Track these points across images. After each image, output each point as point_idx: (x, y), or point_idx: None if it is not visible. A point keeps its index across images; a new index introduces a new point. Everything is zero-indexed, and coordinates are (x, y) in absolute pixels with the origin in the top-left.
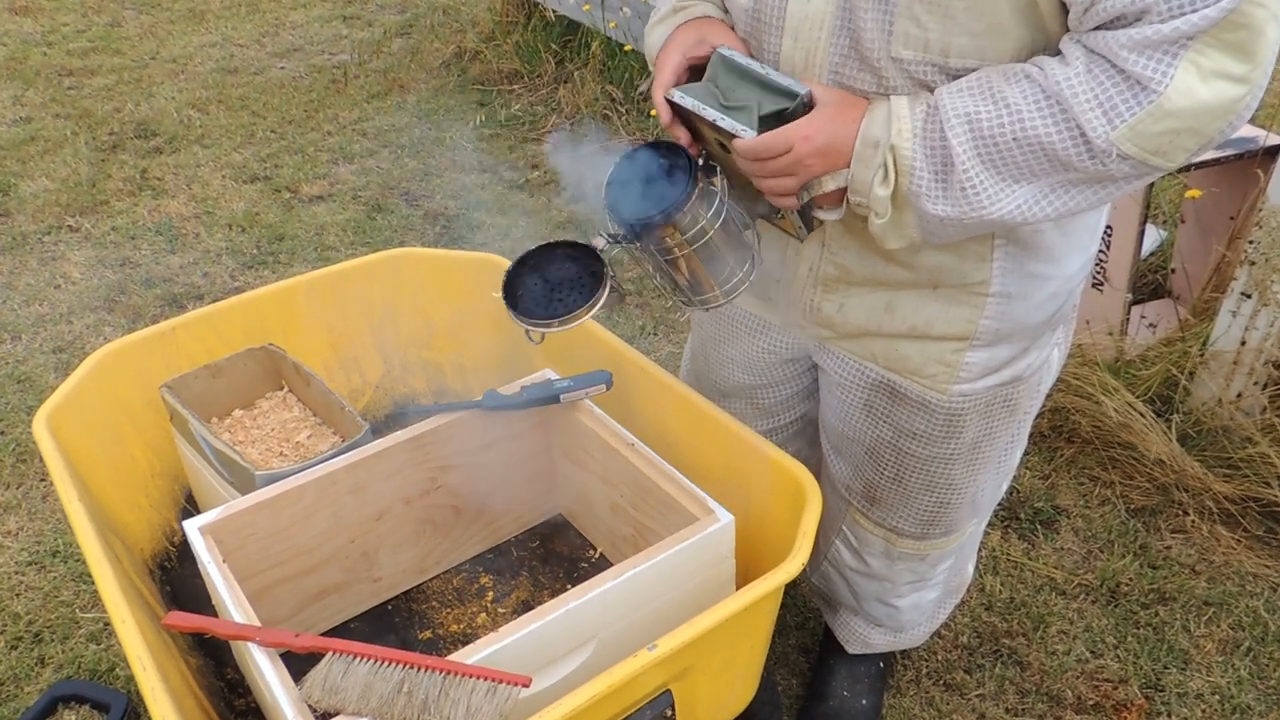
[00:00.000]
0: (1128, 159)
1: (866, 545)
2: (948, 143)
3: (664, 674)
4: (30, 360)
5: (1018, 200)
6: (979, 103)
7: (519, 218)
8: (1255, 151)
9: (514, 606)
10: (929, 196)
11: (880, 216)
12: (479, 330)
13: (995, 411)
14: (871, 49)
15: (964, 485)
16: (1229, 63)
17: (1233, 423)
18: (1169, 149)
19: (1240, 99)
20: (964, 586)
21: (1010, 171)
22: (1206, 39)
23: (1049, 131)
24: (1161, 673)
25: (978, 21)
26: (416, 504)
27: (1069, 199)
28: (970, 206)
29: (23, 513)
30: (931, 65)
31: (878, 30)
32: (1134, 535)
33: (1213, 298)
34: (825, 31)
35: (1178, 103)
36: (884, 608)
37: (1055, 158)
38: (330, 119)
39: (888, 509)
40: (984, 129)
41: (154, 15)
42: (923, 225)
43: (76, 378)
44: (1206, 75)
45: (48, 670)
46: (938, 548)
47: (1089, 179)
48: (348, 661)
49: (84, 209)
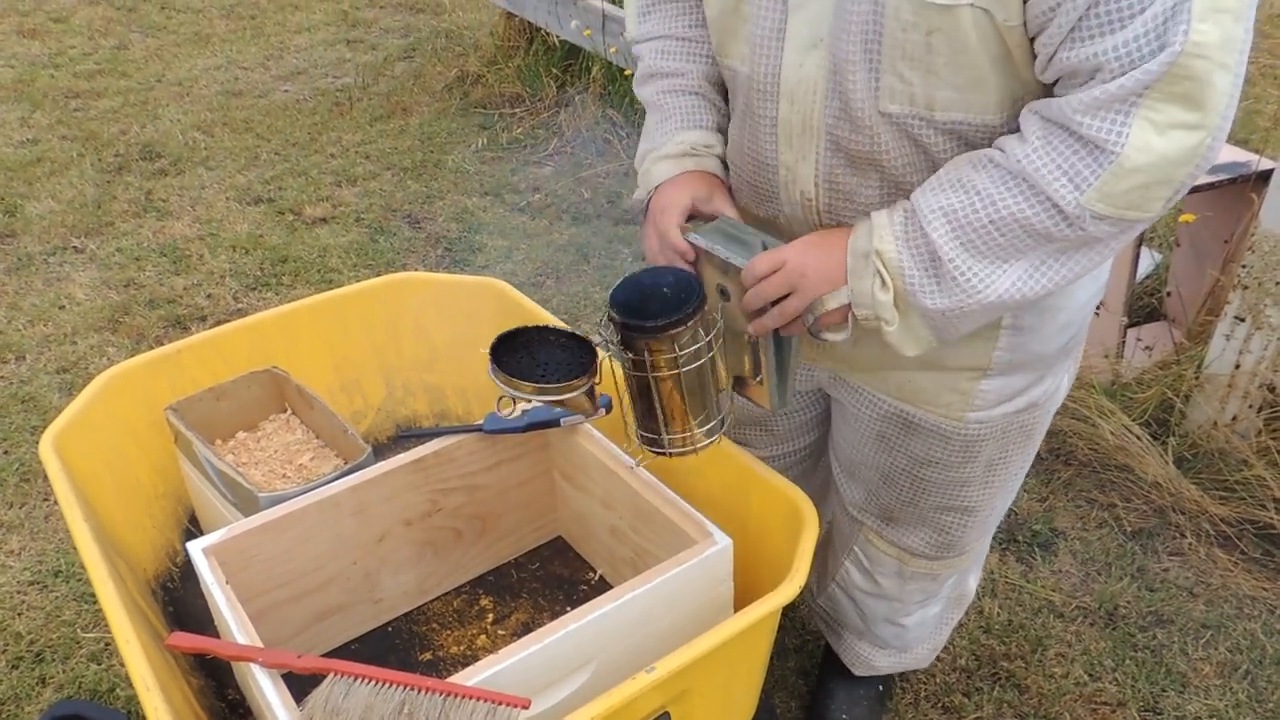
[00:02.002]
0: (1104, 219)
1: (879, 565)
2: (929, 238)
3: (662, 696)
4: (34, 380)
5: (1011, 279)
6: (950, 195)
7: (520, 240)
8: (1249, 176)
9: (514, 628)
10: (924, 292)
11: (890, 324)
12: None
13: (1012, 436)
14: (862, 107)
15: (980, 506)
16: (1181, 114)
17: (1228, 445)
18: (1142, 202)
19: (1199, 144)
20: (966, 600)
21: (995, 253)
22: (1155, 95)
23: (1021, 208)
24: (1159, 695)
25: (959, 75)
26: (418, 526)
27: (1062, 268)
28: (966, 294)
29: (25, 532)
30: (919, 119)
31: (865, 88)
32: (1131, 558)
33: (1207, 321)
34: (819, 95)
35: (1137, 159)
36: (891, 628)
37: (1034, 232)
38: (333, 142)
39: (903, 529)
40: (960, 218)
41: (160, 38)
42: (930, 324)
43: (83, 399)
44: (1162, 128)
45: (48, 690)
46: (950, 567)
47: (1074, 245)
48: (349, 683)
49: (89, 230)
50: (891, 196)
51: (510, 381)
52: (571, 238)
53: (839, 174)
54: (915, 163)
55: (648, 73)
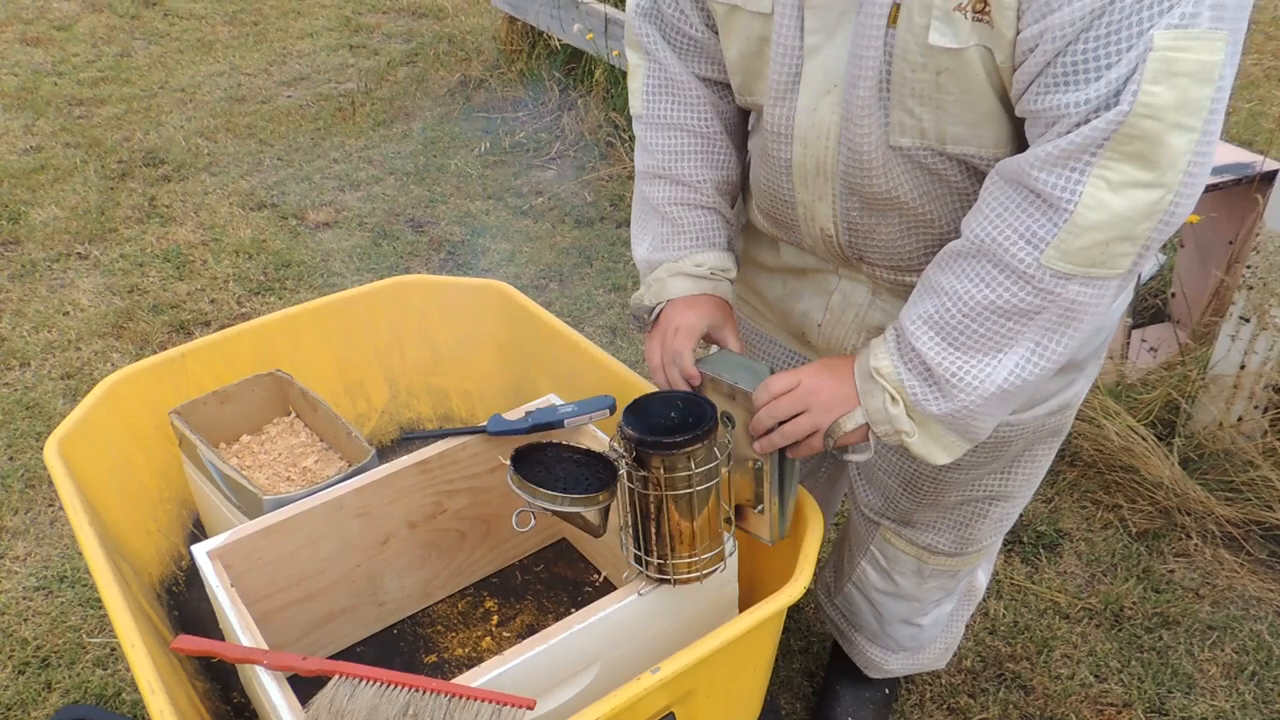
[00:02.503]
0: (1070, 278)
1: (897, 565)
2: (916, 350)
3: (667, 697)
4: (39, 387)
5: (1008, 368)
6: (926, 302)
7: (523, 244)
8: (1253, 176)
9: (519, 630)
10: (927, 400)
11: (910, 435)
12: (484, 356)
13: (1041, 436)
14: (874, 150)
15: (1001, 500)
16: (1136, 172)
17: (1234, 446)
18: (1106, 259)
19: (1158, 201)
20: (977, 595)
21: (981, 346)
22: (1109, 154)
23: (985, 293)
24: (1165, 697)
25: (969, 112)
26: (422, 528)
27: (1056, 345)
28: (966, 393)
29: (30, 538)
30: (929, 151)
31: (876, 125)
32: (1137, 559)
33: (1212, 322)
34: (831, 140)
35: (1091, 217)
36: (907, 629)
37: (1007, 311)
38: (337, 146)
39: (923, 529)
40: (939, 322)
41: (163, 45)
42: (950, 428)
43: (87, 404)
44: (1116, 186)
45: (54, 695)
46: (968, 563)
47: (1057, 317)
48: (354, 684)
49: (93, 237)
50: (912, 231)
51: (531, 489)
52: (574, 241)
53: (855, 214)
54: (931, 192)
55: (657, 170)
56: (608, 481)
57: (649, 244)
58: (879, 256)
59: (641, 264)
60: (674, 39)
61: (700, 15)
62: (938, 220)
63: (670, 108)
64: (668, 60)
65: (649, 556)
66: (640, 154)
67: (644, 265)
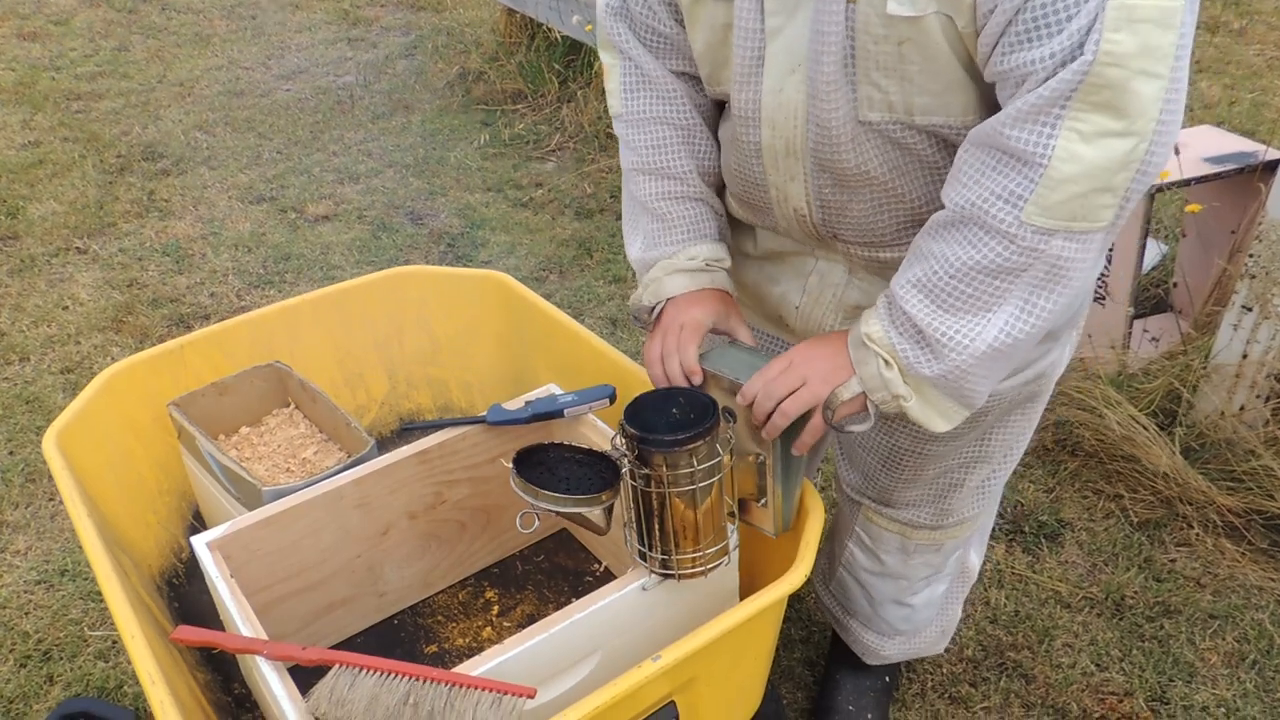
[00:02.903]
0: (1053, 234)
1: (881, 543)
2: (907, 313)
3: (668, 685)
4: (38, 381)
5: (997, 326)
6: (914, 267)
7: (523, 236)
8: (1255, 165)
9: (519, 620)
10: (919, 363)
11: (908, 400)
12: (483, 346)
13: (1017, 404)
14: (842, 125)
15: (976, 467)
16: (1107, 122)
17: (1236, 436)
18: (1086, 212)
19: (1132, 150)
20: (970, 576)
21: (969, 306)
22: (1078, 105)
23: (970, 253)
24: (1167, 685)
25: (934, 81)
26: (422, 518)
27: (1044, 302)
28: (957, 352)
29: (31, 532)
30: (899, 124)
31: (843, 101)
32: (1138, 548)
33: (1214, 311)
34: (799, 119)
35: (1066, 169)
36: (899, 609)
37: (992, 270)
38: (336, 140)
39: (902, 507)
40: (927, 284)
41: (160, 39)
42: (946, 392)
43: (85, 397)
44: (1089, 137)
45: (56, 688)
46: (952, 536)
47: (1046, 273)
48: (354, 674)
49: (92, 231)
50: (884, 207)
51: (534, 491)
52: (574, 233)
53: (827, 192)
54: (900, 167)
55: (642, 166)
56: (610, 481)
57: (641, 243)
58: (852, 234)
59: (636, 264)
60: (645, 36)
61: (668, 10)
62: (909, 195)
63: (649, 103)
64: (641, 57)
65: (653, 552)
66: (624, 152)
67: (639, 265)
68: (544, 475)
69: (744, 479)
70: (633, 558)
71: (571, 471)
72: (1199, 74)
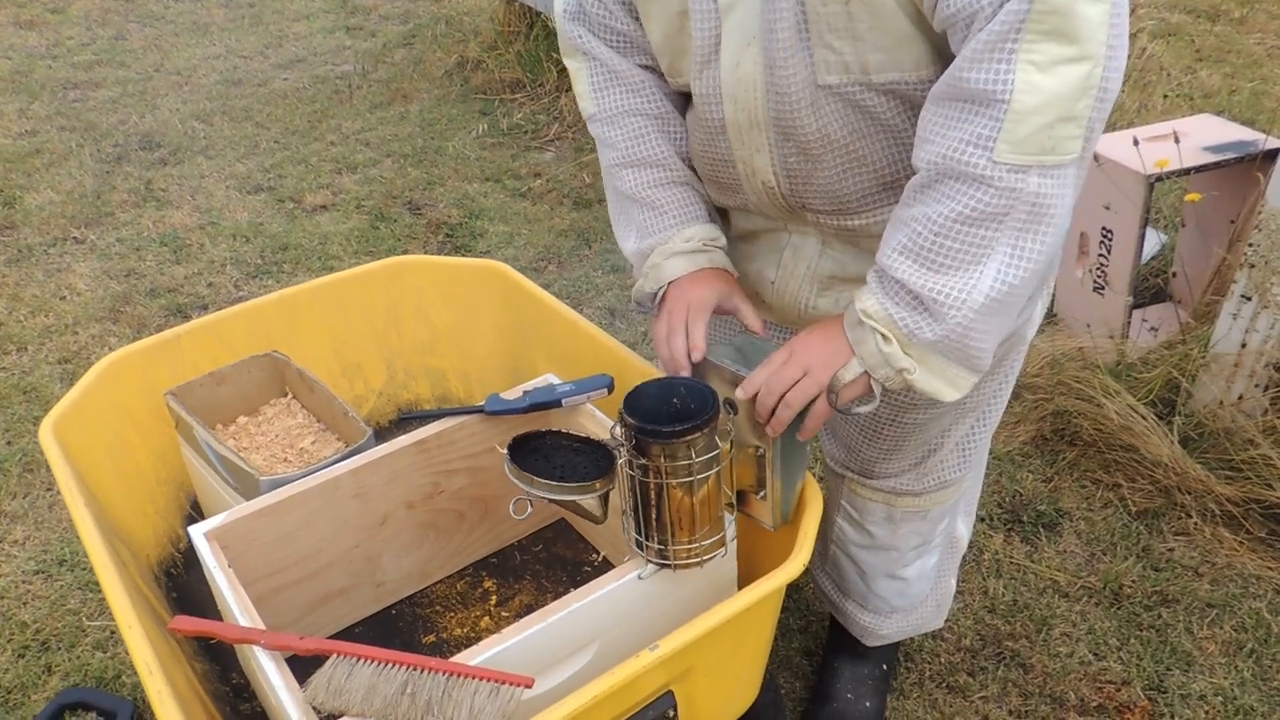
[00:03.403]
0: (1027, 170)
1: (868, 514)
2: (898, 279)
3: (666, 674)
4: (36, 371)
5: (990, 277)
6: (898, 234)
7: (522, 226)
8: (1255, 155)
9: (517, 610)
10: (919, 328)
11: (912, 372)
12: (481, 336)
13: None
14: (801, 91)
15: (952, 429)
16: (1059, 49)
17: (1234, 425)
18: (1054, 144)
19: (1089, 74)
20: (960, 545)
21: (958, 261)
22: (1029, 35)
23: (949, 206)
24: (1164, 674)
25: (883, 37)
26: (420, 508)
27: (1032, 246)
28: (956, 309)
29: (29, 522)
30: (857, 84)
31: (800, 67)
32: (1136, 538)
33: (1213, 301)
34: (759, 91)
35: (1028, 101)
36: (892, 583)
37: (974, 219)
38: (334, 129)
39: (884, 473)
40: (913, 248)
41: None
42: (950, 357)
43: (82, 386)
44: (1044, 66)
45: (54, 678)
46: (937, 502)
47: (1028, 214)
48: (351, 663)
49: (89, 221)
50: (849, 172)
51: (528, 478)
52: (573, 223)
53: (792, 161)
54: (861, 129)
55: (623, 160)
56: (606, 469)
57: (635, 235)
58: (820, 201)
59: (633, 256)
60: (605, 37)
61: (623, 8)
62: (871, 158)
63: (621, 98)
64: (607, 57)
65: (649, 542)
66: (603, 152)
67: (635, 257)
68: (539, 463)
69: (743, 471)
70: (629, 546)
71: (567, 459)
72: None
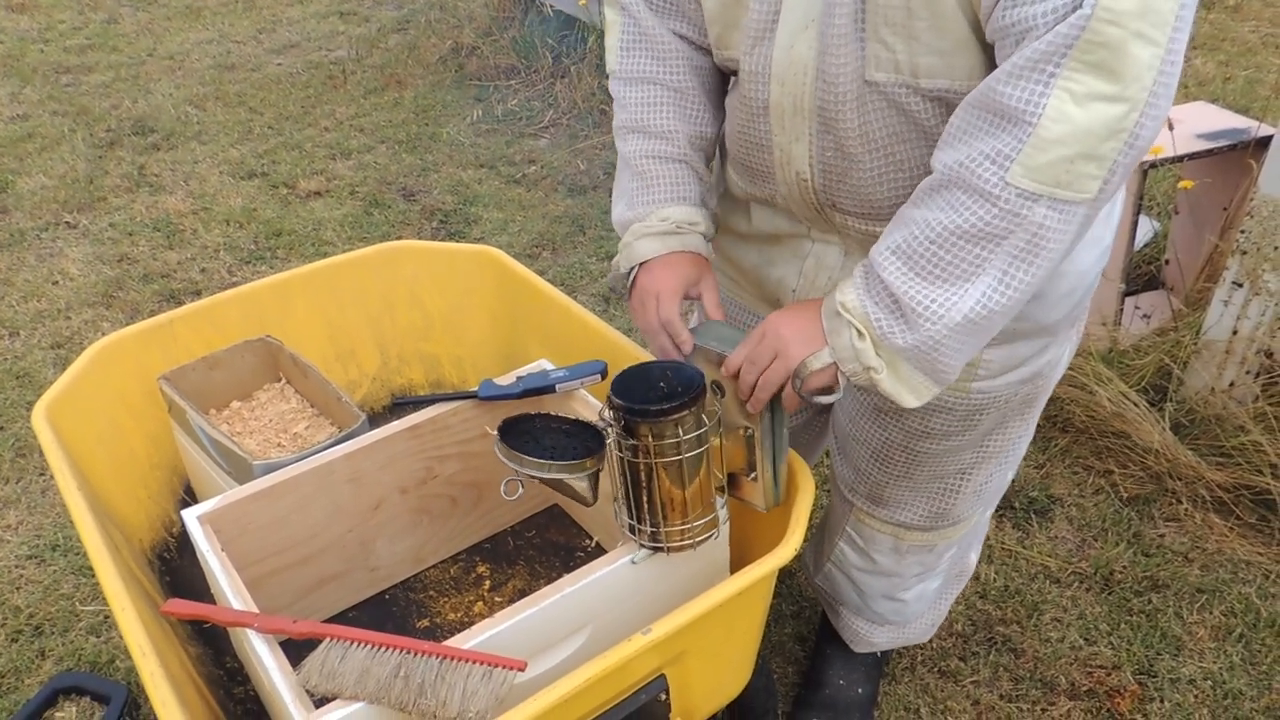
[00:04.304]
0: (1036, 198)
1: (874, 544)
2: (884, 280)
3: (658, 658)
4: (28, 356)
5: (974, 297)
6: (896, 234)
7: (516, 212)
8: (1248, 142)
9: (511, 595)
10: (893, 333)
11: (879, 372)
12: (475, 322)
13: (1013, 406)
14: (850, 83)
15: (972, 472)
16: (1099, 84)
17: (1225, 411)
18: (1071, 179)
19: (1123, 117)
20: (966, 574)
21: (948, 274)
22: (1073, 63)
23: (952, 217)
24: (1154, 659)
25: (940, 40)
26: (413, 494)
27: (1022, 273)
28: (931, 322)
29: (22, 507)
30: (905, 87)
31: (853, 60)
32: (1127, 524)
33: (1206, 288)
34: (809, 76)
35: (1055, 129)
36: (890, 604)
37: (975, 234)
38: (327, 115)
39: (894, 507)
40: (907, 250)
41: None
42: (917, 366)
43: (75, 370)
44: (1080, 99)
45: (48, 663)
46: (946, 538)
47: (1027, 241)
48: (345, 647)
49: (82, 205)
50: (884, 175)
51: (517, 457)
52: (567, 209)
53: (830, 155)
54: (901, 133)
55: (631, 124)
56: (595, 450)
57: (624, 203)
58: (850, 203)
59: (618, 224)
60: None
61: None
62: (908, 164)
63: (644, 62)
64: (643, 15)
65: (641, 525)
66: (617, 111)
67: (619, 226)
68: (529, 444)
69: (733, 453)
70: (622, 532)
71: (557, 441)
72: (1194, 50)
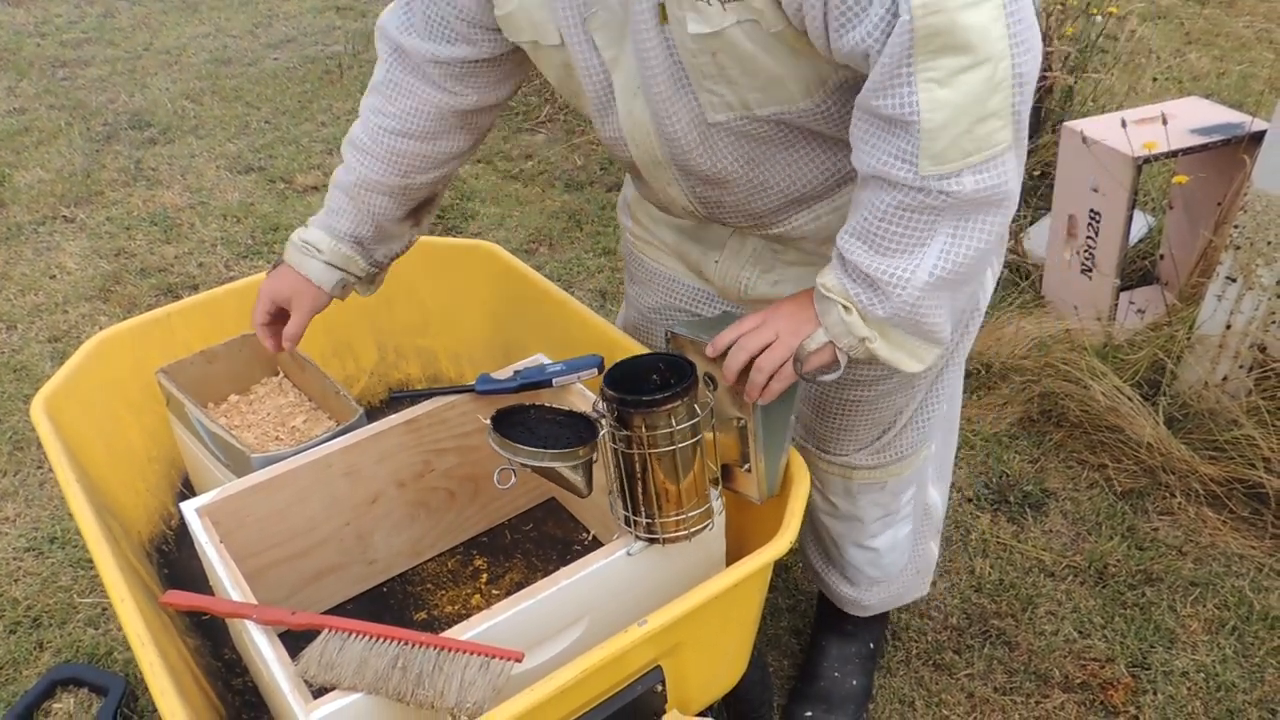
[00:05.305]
0: (956, 174)
1: (828, 486)
2: (851, 261)
3: (654, 650)
4: (26, 350)
5: (933, 258)
6: (853, 218)
7: (513, 208)
8: (1242, 137)
9: (508, 588)
10: (872, 305)
11: (874, 341)
12: (472, 317)
13: None
14: (689, 129)
15: (908, 410)
16: (954, 61)
17: (1218, 406)
18: (977, 144)
19: (992, 74)
20: (935, 513)
21: (902, 244)
22: (921, 60)
23: (892, 196)
24: (1148, 652)
25: (755, 79)
26: (410, 487)
27: (977, 228)
28: (900, 288)
29: (20, 499)
30: (744, 119)
31: (687, 110)
32: (1121, 517)
33: (1199, 283)
34: (652, 134)
35: (937, 117)
36: (863, 552)
37: (914, 209)
38: (324, 109)
39: (838, 451)
40: (862, 231)
41: (147, 6)
42: (905, 329)
43: (74, 363)
44: (945, 82)
45: (46, 654)
46: (894, 474)
47: (965, 204)
48: (343, 638)
49: (79, 199)
50: (755, 195)
51: (510, 446)
52: (564, 205)
53: (700, 190)
54: (755, 158)
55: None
56: (589, 440)
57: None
58: (737, 218)
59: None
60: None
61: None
62: (772, 183)
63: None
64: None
65: (637, 516)
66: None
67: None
68: (523, 434)
69: (727, 445)
70: (618, 523)
71: (551, 431)
72: (1188, 45)
